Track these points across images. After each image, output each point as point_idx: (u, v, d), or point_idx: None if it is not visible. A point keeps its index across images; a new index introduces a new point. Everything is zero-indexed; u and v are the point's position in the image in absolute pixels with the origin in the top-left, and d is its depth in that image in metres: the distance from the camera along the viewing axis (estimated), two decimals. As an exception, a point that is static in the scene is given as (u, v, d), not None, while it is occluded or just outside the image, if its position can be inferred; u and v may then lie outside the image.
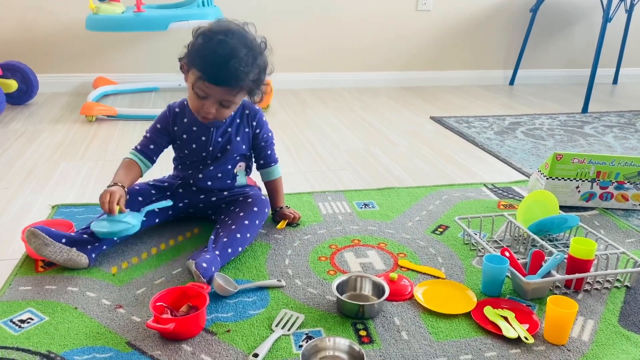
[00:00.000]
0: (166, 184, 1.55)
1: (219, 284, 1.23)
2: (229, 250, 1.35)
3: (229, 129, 1.48)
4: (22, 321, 1.15)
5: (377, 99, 3.28)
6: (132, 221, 1.32)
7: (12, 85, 2.77)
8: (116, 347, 1.08)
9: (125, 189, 1.37)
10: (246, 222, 1.42)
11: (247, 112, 1.51)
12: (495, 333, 1.14)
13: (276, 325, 1.15)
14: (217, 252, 1.32)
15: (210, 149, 1.48)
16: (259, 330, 1.14)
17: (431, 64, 3.66)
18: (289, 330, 1.14)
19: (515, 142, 2.46)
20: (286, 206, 1.63)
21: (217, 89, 1.32)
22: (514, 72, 3.72)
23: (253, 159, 1.60)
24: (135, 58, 3.24)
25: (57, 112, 2.79)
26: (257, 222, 1.45)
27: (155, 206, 1.45)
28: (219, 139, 1.48)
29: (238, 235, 1.38)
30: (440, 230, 1.60)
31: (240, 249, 1.39)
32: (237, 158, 1.53)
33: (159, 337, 1.11)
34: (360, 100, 3.22)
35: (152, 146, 1.49)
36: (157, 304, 1.13)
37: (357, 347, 1.03)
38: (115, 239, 1.38)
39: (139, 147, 1.50)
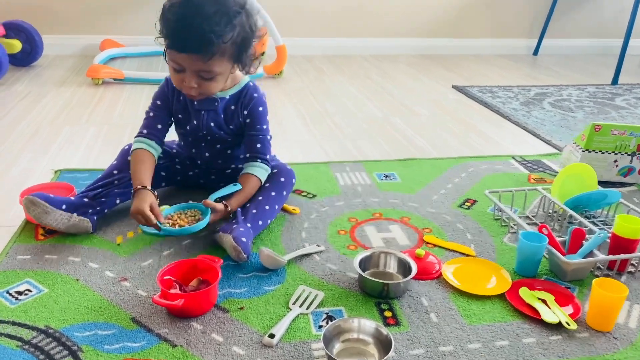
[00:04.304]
0: (174, 150, 1.45)
1: (270, 255, 1.14)
2: (260, 222, 1.26)
3: (222, 115, 1.32)
4: (20, 293, 1.06)
5: (396, 66, 3.13)
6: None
7: (16, 45, 2.66)
8: (120, 324, 0.99)
9: (151, 190, 1.21)
10: (273, 193, 1.32)
11: (242, 98, 1.32)
12: (532, 317, 1.04)
13: (293, 303, 1.06)
14: (248, 225, 1.22)
15: (204, 132, 1.34)
16: (275, 307, 1.05)
17: (451, 31, 3.49)
18: (307, 308, 1.05)
19: (542, 114, 2.33)
20: (227, 207, 1.25)
21: (187, 57, 1.14)
22: (539, 42, 3.55)
23: None
24: (144, 20, 3.10)
25: (62, 74, 2.68)
26: (284, 193, 1.35)
27: (222, 193, 1.28)
28: (211, 124, 1.32)
29: (267, 207, 1.28)
30: (468, 204, 1.49)
31: (269, 221, 1.29)
32: (241, 145, 1.40)
33: (166, 314, 1.02)
34: (378, 68, 3.08)
35: (159, 126, 1.33)
36: (165, 277, 1.04)
37: (385, 330, 0.94)
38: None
39: (145, 131, 1.31)
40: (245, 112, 1.32)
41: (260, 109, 1.33)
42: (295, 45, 3.14)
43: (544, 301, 1.08)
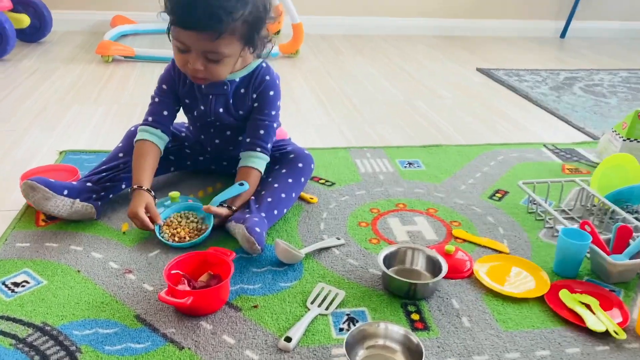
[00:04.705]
0: (183, 134, 1.36)
1: (286, 249, 1.05)
2: (275, 211, 1.16)
3: (231, 100, 1.22)
4: (16, 284, 0.98)
5: (415, 47, 3.00)
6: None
7: (24, 20, 2.56)
8: (123, 322, 0.91)
9: (148, 190, 1.15)
10: (290, 180, 1.22)
11: (254, 80, 1.21)
12: (574, 323, 0.94)
13: (312, 302, 0.97)
14: (262, 214, 1.13)
15: (212, 118, 1.24)
16: (291, 307, 0.96)
17: (473, 11, 3.34)
18: (326, 308, 0.96)
19: (573, 99, 2.20)
20: (230, 207, 1.16)
21: (192, 35, 1.04)
22: (567, 24, 3.39)
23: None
24: (155, -5, 2.99)
25: (72, 50, 2.59)
26: (302, 179, 1.26)
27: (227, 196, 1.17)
28: (220, 110, 1.22)
29: (283, 195, 1.19)
30: (499, 195, 1.39)
31: (285, 210, 1.20)
32: None
33: (173, 311, 0.94)
34: (397, 48, 2.95)
35: (165, 112, 1.23)
36: (173, 272, 0.95)
37: (415, 338, 0.84)
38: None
39: (150, 118, 1.22)
40: (254, 96, 1.22)
41: (272, 93, 1.22)
42: (311, 23, 3.02)
43: (587, 306, 0.98)
